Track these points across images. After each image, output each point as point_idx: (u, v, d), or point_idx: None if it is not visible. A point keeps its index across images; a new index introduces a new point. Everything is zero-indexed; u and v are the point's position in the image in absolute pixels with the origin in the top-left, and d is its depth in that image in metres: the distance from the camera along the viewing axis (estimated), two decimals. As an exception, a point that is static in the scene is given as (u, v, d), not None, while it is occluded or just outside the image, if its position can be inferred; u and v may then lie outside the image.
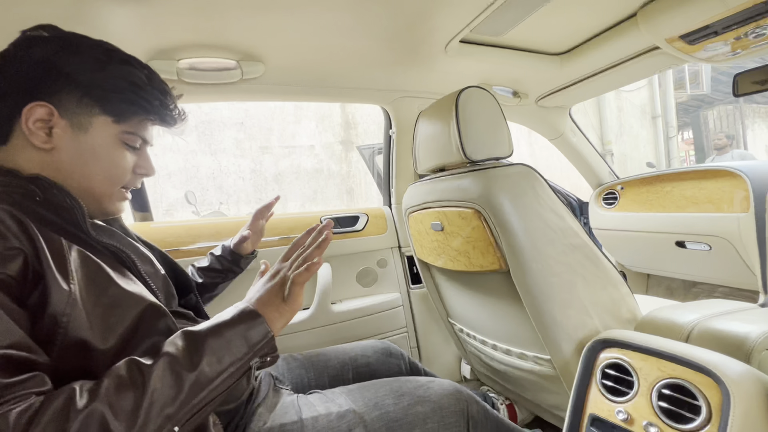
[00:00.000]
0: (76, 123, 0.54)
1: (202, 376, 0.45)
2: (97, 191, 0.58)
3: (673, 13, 0.93)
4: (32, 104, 0.52)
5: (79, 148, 0.55)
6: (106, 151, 0.57)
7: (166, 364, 0.44)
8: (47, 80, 0.53)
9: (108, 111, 0.56)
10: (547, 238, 0.80)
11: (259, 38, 0.95)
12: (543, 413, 1.13)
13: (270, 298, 0.56)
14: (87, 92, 0.54)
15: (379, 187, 1.78)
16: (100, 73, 0.55)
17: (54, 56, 0.53)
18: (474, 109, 0.88)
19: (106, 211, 0.61)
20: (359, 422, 0.67)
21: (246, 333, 0.51)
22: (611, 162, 2.98)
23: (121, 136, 0.58)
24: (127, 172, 0.60)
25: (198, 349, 0.47)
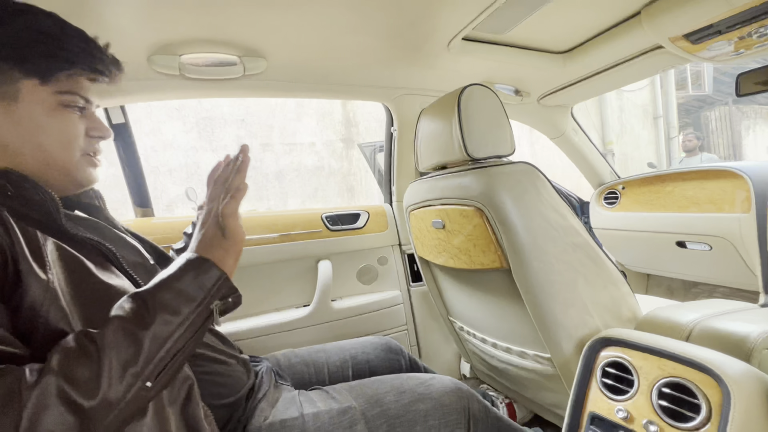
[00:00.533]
0: (3, 94, 0.49)
1: (160, 330, 0.43)
2: (57, 163, 0.54)
3: (678, 12, 0.93)
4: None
5: (17, 122, 0.50)
6: (47, 118, 0.52)
7: (116, 328, 0.42)
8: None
9: (29, 72, 0.50)
10: (549, 236, 0.80)
11: (262, 34, 0.95)
12: (542, 412, 1.13)
13: (209, 239, 0.52)
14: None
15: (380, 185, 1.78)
16: (1, 29, 0.49)
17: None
18: (476, 107, 0.87)
19: (77, 181, 0.57)
20: (360, 418, 0.68)
21: (197, 279, 0.48)
22: (612, 162, 2.99)
23: (56, 98, 0.53)
24: (79, 136, 0.55)
25: (149, 306, 0.44)
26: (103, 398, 0.38)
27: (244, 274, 1.27)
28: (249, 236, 1.29)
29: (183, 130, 4.14)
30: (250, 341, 1.21)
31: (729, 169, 1.33)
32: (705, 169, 1.42)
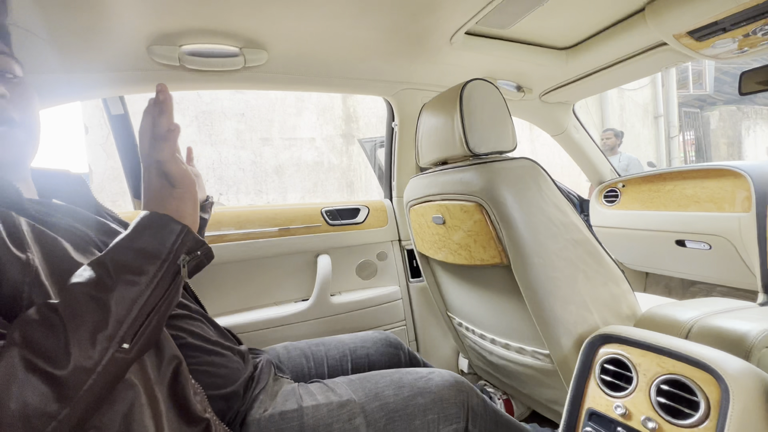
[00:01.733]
0: None
1: (126, 291, 0.41)
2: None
3: (683, 9, 0.92)
4: None
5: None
6: None
7: (79, 294, 0.39)
8: None
9: None
10: (550, 232, 0.80)
11: (263, 25, 0.94)
12: (540, 408, 1.13)
13: (157, 193, 0.48)
14: None
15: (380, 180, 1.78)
16: None
17: None
18: (478, 102, 0.87)
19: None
20: (359, 412, 0.68)
21: (157, 235, 0.45)
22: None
23: None
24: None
25: (109, 269, 0.41)
26: (75, 365, 0.36)
27: (244, 268, 1.27)
28: (248, 230, 1.29)
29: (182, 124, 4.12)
30: (249, 335, 1.21)
31: (730, 168, 1.33)
32: (706, 168, 1.42)
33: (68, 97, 1.12)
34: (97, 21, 0.84)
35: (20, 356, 0.35)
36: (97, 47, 0.93)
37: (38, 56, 0.92)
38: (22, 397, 0.33)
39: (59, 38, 0.87)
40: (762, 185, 1.23)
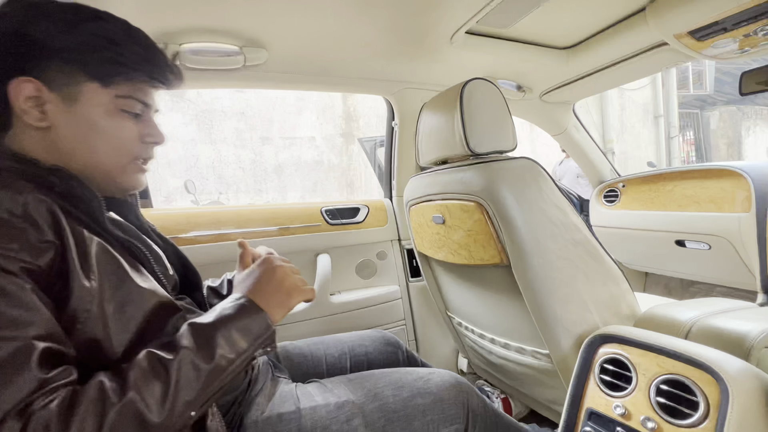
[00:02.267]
0: (66, 95, 0.51)
1: (215, 368, 0.47)
2: (106, 166, 0.55)
3: (684, 9, 0.92)
4: (15, 81, 0.48)
5: (75, 122, 0.52)
6: (104, 120, 0.53)
7: (185, 357, 0.46)
8: (23, 53, 0.49)
9: (92, 75, 0.52)
10: (549, 232, 0.80)
11: (263, 24, 0.94)
12: (539, 407, 1.13)
13: (273, 290, 0.58)
14: (65, 58, 0.50)
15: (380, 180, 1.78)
16: (71, 34, 0.50)
17: (23, 26, 0.49)
18: (479, 101, 0.87)
19: (122, 186, 0.58)
20: (358, 413, 0.67)
21: (249, 326, 0.52)
22: (612, 160, 2.93)
23: (115, 102, 0.54)
24: (133, 141, 0.57)
25: (210, 343, 0.48)
26: (163, 421, 0.42)
27: (243, 267, 1.27)
28: (248, 229, 1.29)
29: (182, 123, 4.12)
30: (248, 334, 1.21)
31: (730, 169, 1.33)
32: (706, 168, 1.42)
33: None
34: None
35: (134, 402, 0.40)
36: (96, 45, 0.93)
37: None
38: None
39: (59, 36, 0.87)
40: (762, 185, 1.23)
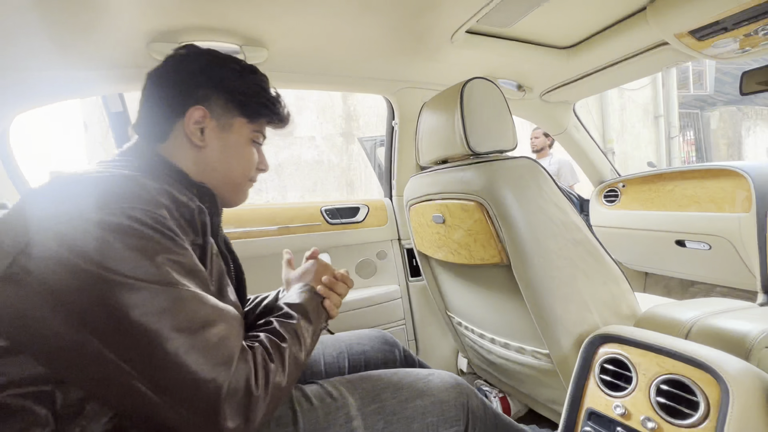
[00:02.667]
0: (221, 124, 0.64)
1: (314, 331, 0.64)
2: (235, 182, 0.69)
3: (684, 8, 0.92)
4: (194, 107, 0.61)
5: (223, 146, 0.65)
6: (242, 147, 0.67)
7: (300, 323, 0.61)
8: (202, 88, 0.63)
9: (245, 113, 0.66)
10: (550, 232, 0.80)
11: (263, 23, 0.94)
12: (539, 407, 1.13)
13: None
14: (231, 97, 0.64)
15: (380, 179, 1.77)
16: (239, 81, 0.65)
17: (206, 68, 0.64)
18: (479, 101, 0.87)
19: (238, 200, 0.72)
20: (357, 415, 0.66)
21: (320, 307, 0.68)
22: (612, 160, 2.88)
23: (251, 134, 0.68)
24: (254, 166, 0.71)
25: (308, 317, 0.64)
26: (303, 360, 0.58)
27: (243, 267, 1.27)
28: (248, 228, 1.29)
29: (182, 122, 4.11)
30: (247, 333, 1.21)
31: (730, 169, 1.33)
32: (706, 168, 1.42)
33: (68, 94, 1.12)
34: (96, 18, 0.83)
35: (288, 346, 0.56)
36: (96, 44, 0.93)
37: (38, 53, 0.92)
38: (293, 375, 0.55)
39: (59, 35, 0.87)
40: (762, 185, 1.23)
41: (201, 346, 0.44)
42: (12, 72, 0.96)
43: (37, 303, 0.42)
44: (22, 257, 0.42)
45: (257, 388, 0.47)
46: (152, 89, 0.64)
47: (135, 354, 0.42)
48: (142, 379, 0.42)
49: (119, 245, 0.43)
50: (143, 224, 0.45)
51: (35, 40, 0.87)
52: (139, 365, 0.42)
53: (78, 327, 0.41)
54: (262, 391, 0.48)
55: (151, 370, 0.42)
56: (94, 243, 0.42)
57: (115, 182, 0.48)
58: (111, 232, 0.43)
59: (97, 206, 0.45)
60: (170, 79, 0.63)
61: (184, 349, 0.43)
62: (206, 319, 0.47)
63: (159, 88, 0.63)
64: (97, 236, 0.43)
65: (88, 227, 0.43)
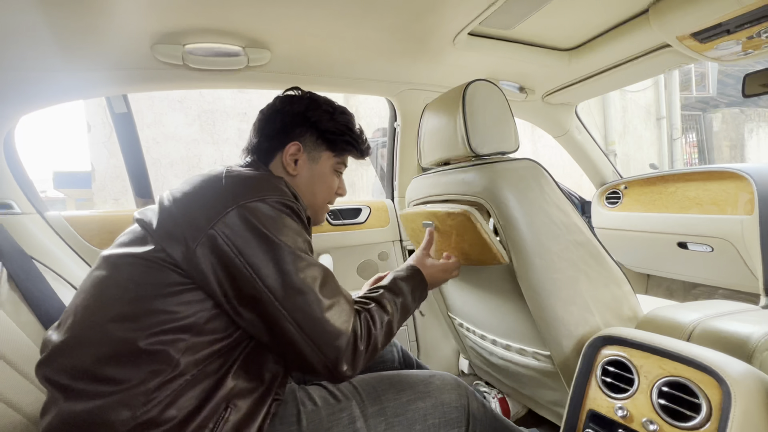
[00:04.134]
0: (311, 157, 0.78)
1: (409, 310, 0.75)
2: (317, 206, 0.81)
3: (686, 11, 0.92)
4: (292, 143, 0.75)
5: (311, 175, 0.78)
6: (326, 177, 0.80)
7: (404, 300, 0.74)
8: (300, 127, 0.76)
9: (332, 148, 0.79)
10: (552, 233, 0.80)
11: (266, 25, 0.94)
12: (540, 409, 1.13)
13: (436, 273, 0.85)
14: (322, 135, 0.78)
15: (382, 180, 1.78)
16: (331, 122, 0.78)
17: (306, 111, 0.77)
18: (481, 103, 0.87)
19: (319, 220, 0.85)
20: (359, 416, 0.67)
21: (422, 293, 0.80)
22: (614, 162, 2.86)
23: (335, 166, 0.81)
24: (333, 191, 0.83)
25: (409, 297, 0.75)
26: (396, 331, 0.70)
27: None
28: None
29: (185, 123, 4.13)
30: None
31: (732, 171, 1.32)
32: (708, 170, 1.42)
33: (72, 95, 1.13)
34: (101, 20, 0.84)
35: (389, 320, 0.68)
36: (101, 46, 0.94)
37: (42, 54, 0.93)
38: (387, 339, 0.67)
39: (64, 37, 0.87)
40: (765, 188, 1.22)
41: (336, 308, 0.59)
42: (17, 73, 0.97)
43: (227, 261, 0.56)
44: (220, 224, 0.57)
45: (363, 344, 0.61)
46: (264, 122, 0.78)
47: (291, 304, 0.57)
48: (294, 322, 0.57)
49: (283, 221, 0.60)
50: (293, 211, 0.63)
51: (40, 41, 0.87)
52: (293, 312, 0.57)
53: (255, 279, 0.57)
54: (364, 348, 0.61)
55: (302, 317, 0.57)
56: (267, 216, 0.59)
57: (271, 180, 0.66)
58: (278, 211, 0.60)
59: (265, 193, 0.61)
60: (277, 117, 0.77)
61: (326, 307, 0.58)
62: (338, 288, 0.63)
63: (268, 123, 0.77)
64: (269, 213, 0.60)
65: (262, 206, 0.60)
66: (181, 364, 0.54)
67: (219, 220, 0.57)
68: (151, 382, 0.53)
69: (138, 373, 0.53)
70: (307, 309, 0.57)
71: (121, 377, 0.52)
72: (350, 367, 0.59)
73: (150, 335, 0.54)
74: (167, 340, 0.54)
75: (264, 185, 0.63)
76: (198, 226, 0.57)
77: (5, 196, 1.10)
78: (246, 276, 0.56)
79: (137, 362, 0.53)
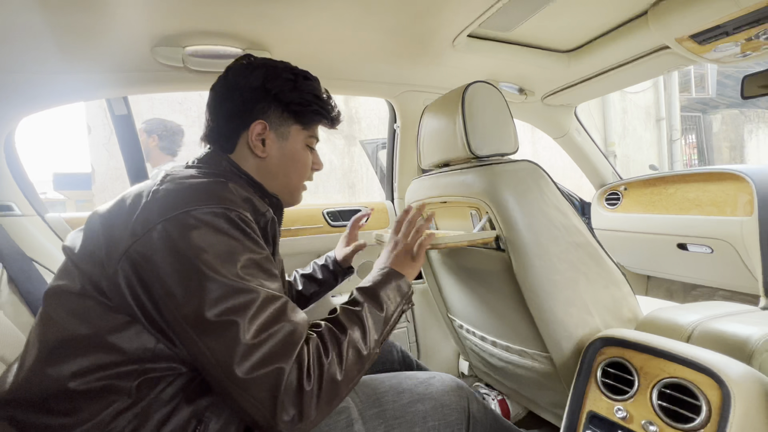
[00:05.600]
0: (279, 133, 0.70)
1: (385, 316, 0.62)
2: (293, 186, 0.74)
3: (685, 12, 0.92)
4: (255, 122, 0.67)
5: (282, 155, 0.71)
6: (299, 154, 0.72)
7: (366, 309, 0.61)
8: (261, 102, 0.67)
9: (300, 121, 0.71)
10: (551, 235, 0.80)
11: (266, 27, 0.95)
12: (540, 410, 1.13)
13: (401, 260, 0.72)
14: (287, 108, 0.69)
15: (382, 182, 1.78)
16: (295, 91, 0.69)
17: (265, 82, 0.67)
18: (481, 104, 0.87)
19: (294, 202, 0.78)
20: (357, 418, 0.66)
21: (399, 287, 0.67)
22: (614, 163, 2.85)
23: (306, 140, 0.73)
24: (309, 168, 0.76)
25: (378, 299, 0.63)
26: (368, 353, 0.57)
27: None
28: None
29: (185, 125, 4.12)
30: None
31: (732, 172, 1.33)
32: (708, 172, 1.42)
33: (72, 97, 1.13)
34: (101, 22, 0.84)
35: (350, 335, 0.56)
36: (101, 48, 0.94)
37: (43, 56, 0.93)
38: (350, 363, 0.55)
39: (64, 39, 0.88)
40: (764, 189, 1.23)
41: (270, 343, 0.49)
42: (17, 75, 0.97)
43: (148, 285, 0.50)
44: (139, 244, 0.50)
45: (309, 382, 0.49)
46: (217, 104, 0.70)
47: (212, 340, 0.48)
48: (216, 363, 0.48)
49: (212, 239, 0.51)
50: (232, 222, 0.53)
51: (40, 43, 0.87)
52: (215, 352, 0.48)
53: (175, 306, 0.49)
54: (315, 386, 0.49)
55: (224, 356, 0.47)
56: (194, 234, 0.50)
57: (210, 186, 0.57)
58: (209, 226, 0.51)
59: (198, 204, 0.53)
60: (233, 95, 0.68)
61: (255, 343, 0.48)
62: (281, 316, 0.52)
63: (223, 103, 0.69)
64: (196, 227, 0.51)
65: (190, 221, 0.51)
66: (135, 392, 0.50)
67: (140, 239, 0.50)
68: (104, 412, 0.49)
69: (89, 408, 0.49)
70: (230, 345, 0.47)
71: (74, 412, 0.49)
72: (297, 414, 0.48)
73: (90, 374, 0.50)
74: (113, 374, 0.50)
75: (198, 195, 0.54)
76: (118, 246, 0.50)
77: (5, 198, 1.10)
78: (165, 303, 0.49)
79: (86, 399, 0.50)
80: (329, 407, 0.52)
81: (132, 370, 0.51)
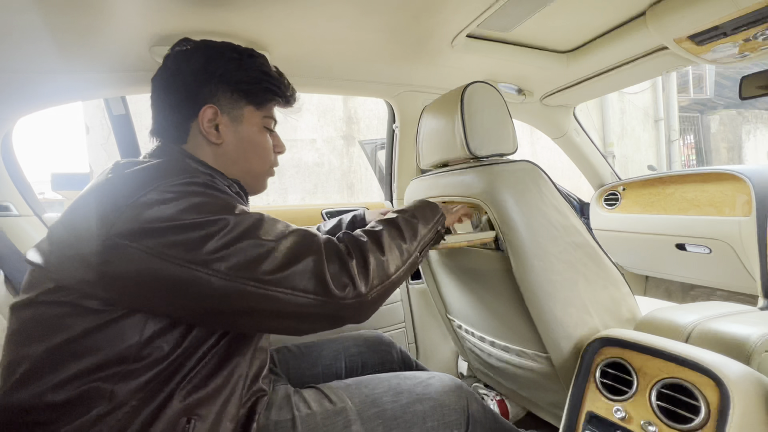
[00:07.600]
0: (232, 117, 0.66)
1: (419, 232, 0.68)
2: (256, 171, 0.70)
3: (683, 13, 0.92)
4: (204, 107, 0.63)
5: (238, 139, 0.67)
6: (256, 137, 0.69)
7: (403, 218, 0.68)
8: (207, 85, 0.64)
9: (252, 101, 0.67)
10: (550, 235, 0.80)
11: (265, 27, 0.95)
12: (539, 411, 1.13)
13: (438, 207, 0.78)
14: (236, 88, 0.65)
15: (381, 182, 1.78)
16: (241, 70, 0.65)
17: (206, 64, 0.64)
18: (479, 105, 0.87)
19: (259, 189, 0.74)
20: (356, 419, 0.66)
21: (432, 211, 0.75)
22: (613, 164, 2.84)
23: (262, 121, 0.69)
24: (270, 151, 0.72)
25: (413, 213, 0.71)
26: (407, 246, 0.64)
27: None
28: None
29: (183, 124, 4.12)
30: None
31: (730, 172, 1.33)
32: (706, 172, 1.42)
33: (70, 96, 1.12)
34: (99, 21, 0.84)
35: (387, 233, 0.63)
36: (99, 48, 0.94)
37: (40, 55, 0.93)
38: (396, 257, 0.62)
39: (62, 38, 0.87)
40: (762, 189, 1.23)
41: (291, 238, 0.53)
42: (14, 74, 0.97)
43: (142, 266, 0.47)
44: (114, 233, 0.47)
45: (351, 257, 0.55)
46: (160, 94, 0.65)
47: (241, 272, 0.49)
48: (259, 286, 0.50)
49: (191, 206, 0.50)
50: (206, 186, 0.53)
51: (38, 43, 0.87)
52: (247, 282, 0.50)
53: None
54: (358, 259, 0.55)
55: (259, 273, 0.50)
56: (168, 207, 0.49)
57: (170, 163, 0.55)
58: (180, 196, 0.50)
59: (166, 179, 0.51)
60: (176, 82, 0.64)
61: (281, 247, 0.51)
62: (287, 225, 0.56)
63: (167, 93, 0.64)
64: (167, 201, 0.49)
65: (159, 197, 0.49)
66: (118, 394, 0.49)
67: (114, 224, 0.47)
68: (86, 416, 0.48)
69: (70, 413, 0.48)
70: (260, 261, 0.48)
71: (54, 420, 0.48)
72: (351, 284, 0.53)
73: (69, 383, 0.48)
74: (93, 378, 0.48)
75: (162, 172, 0.52)
76: (91, 239, 0.47)
77: (3, 199, 1.09)
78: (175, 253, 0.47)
79: (65, 407, 0.48)
80: (381, 285, 0.57)
81: (113, 373, 0.49)
